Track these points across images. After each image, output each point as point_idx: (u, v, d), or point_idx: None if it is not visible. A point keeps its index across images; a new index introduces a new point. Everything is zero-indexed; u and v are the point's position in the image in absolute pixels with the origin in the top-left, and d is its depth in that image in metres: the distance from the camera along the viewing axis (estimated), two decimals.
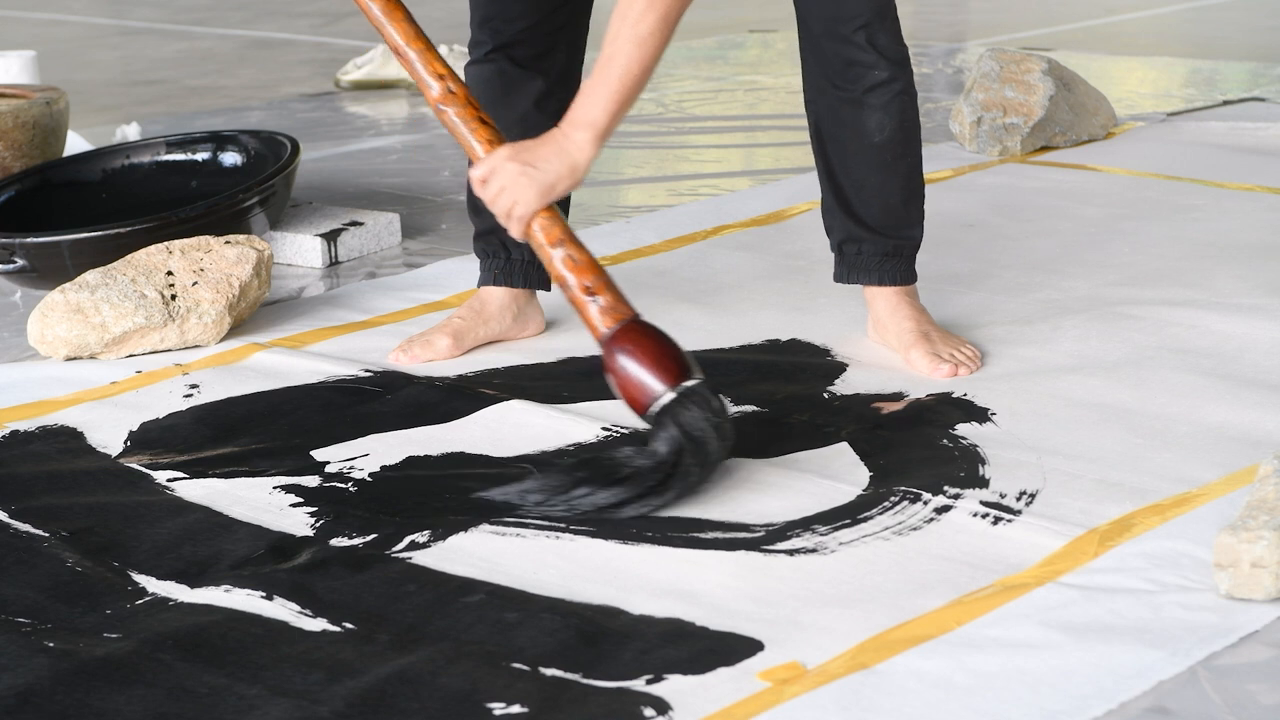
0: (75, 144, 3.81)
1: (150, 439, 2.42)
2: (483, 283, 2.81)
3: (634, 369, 2.19)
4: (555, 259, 2.26)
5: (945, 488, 2.18)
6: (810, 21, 2.60)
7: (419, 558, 2.03)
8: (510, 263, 2.79)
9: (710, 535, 2.07)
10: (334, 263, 3.31)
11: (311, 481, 2.26)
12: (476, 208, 2.79)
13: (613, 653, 1.80)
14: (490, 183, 2.28)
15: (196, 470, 2.30)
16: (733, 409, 2.48)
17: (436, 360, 2.71)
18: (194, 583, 1.98)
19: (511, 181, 2.26)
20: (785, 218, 3.51)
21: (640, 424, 2.42)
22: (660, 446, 2.15)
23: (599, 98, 2.23)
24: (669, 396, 2.17)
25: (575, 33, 2.72)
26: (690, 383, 2.18)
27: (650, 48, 2.22)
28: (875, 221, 2.66)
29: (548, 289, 2.83)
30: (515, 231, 2.28)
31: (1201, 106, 4.58)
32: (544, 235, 2.27)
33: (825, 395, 2.53)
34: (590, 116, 2.24)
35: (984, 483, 2.20)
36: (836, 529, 2.08)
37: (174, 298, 2.75)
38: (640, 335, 2.22)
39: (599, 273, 2.26)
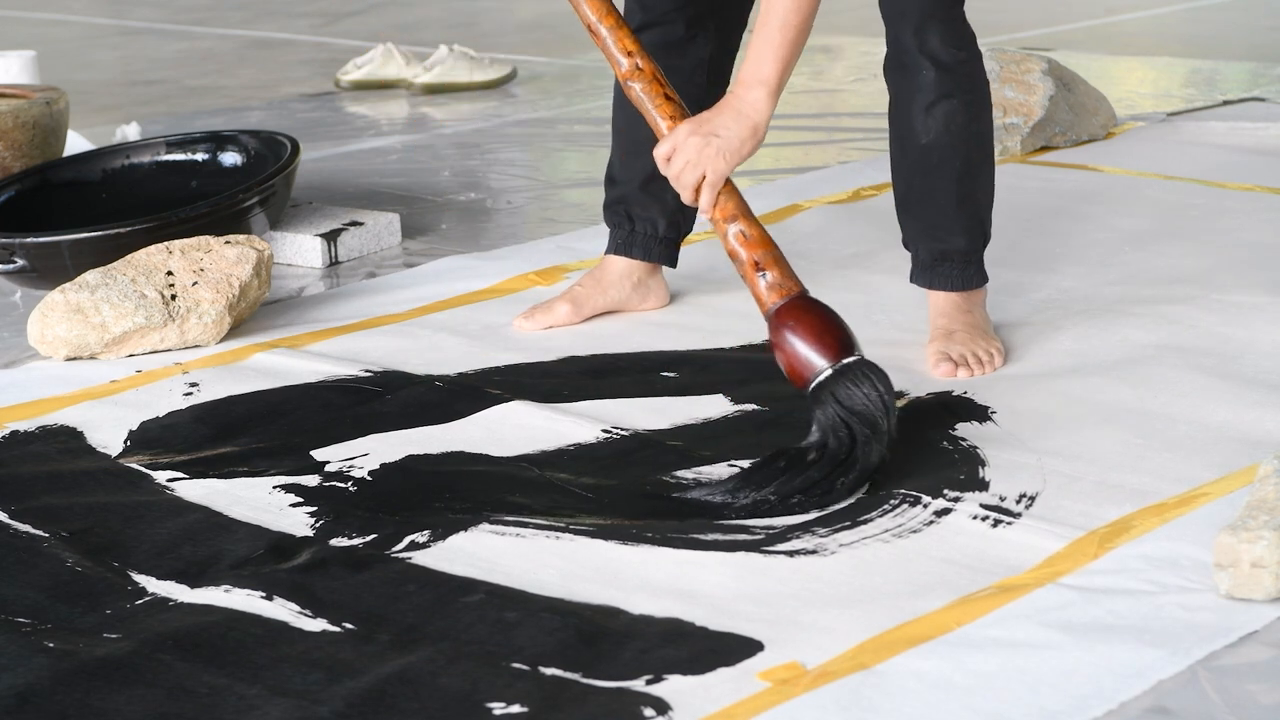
0: (75, 144, 3.81)
1: (150, 438, 2.42)
2: (607, 251, 2.91)
3: (797, 344, 2.22)
4: (729, 234, 2.30)
5: (945, 490, 2.18)
6: (881, 11, 2.62)
7: (419, 558, 2.03)
8: (633, 234, 2.88)
9: (710, 536, 2.07)
10: (334, 263, 3.31)
11: (311, 481, 2.26)
12: (612, 178, 2.88)
13: (612, 653, 1.80)
14: (674, 160, 2.30)
15: (196, 470, 2.30)
16: (733, 409, 2.48)
17: (556, 326, 2.83)
18: (194, 583, 1.98)
19: (696, 154, 2.28)
20: (785, 217, 3.51)
21: (641, 426, 2.42)
22: (816, 419, 2.17)
23: (765, 54, 2.29)
24: (828, 373, 2.19)
25: (721, 21, 2.76)
26: (850, 360, 2.20)
27: None
28: (923, 223, 2.67)
29: (672, 265, 2.91)
30: (706, 203, 2.30)
31: (1201, 106, 4.58)
32: (719, 210, 2.30)
33: None
34: (761, 74, 2.29)
35: (984, 485, 2.20)
36: (836, 531, 2.08)
37: (174, 298, 2.75)
38: (804, 312, 2.24)
39: (769, 248, 2.29)
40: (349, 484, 2.25)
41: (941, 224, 2.66)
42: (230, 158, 3.41)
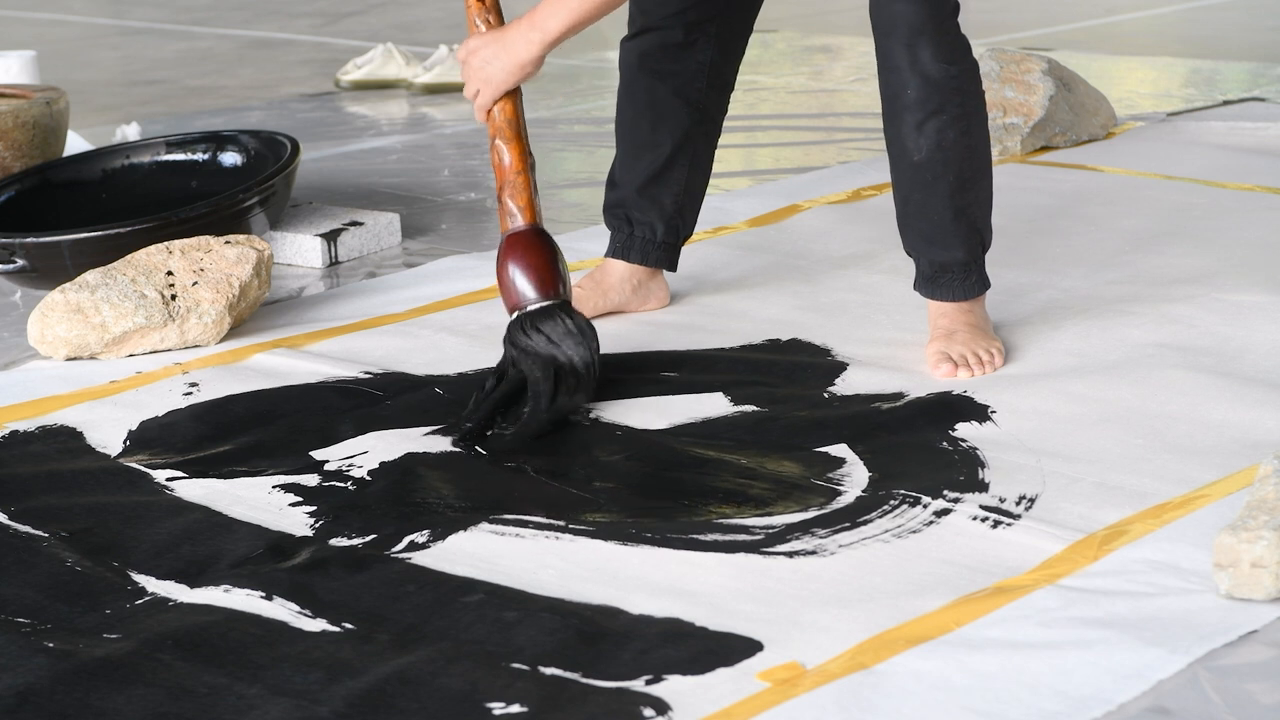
0: (75, 144, 3.81)
1: (149, 438, 2.42)
2: (607, 254, 2.93)
3: (513, 273, 2.48)
4: (491, 146, 2.53)
5: (945, 491, 2.18)
6: (871, 23, 2.60)
7: (418, 558, 2.03)
8: (631, 239, 2.89)
9: (709, 537, 2.07)
10: (334, 263, 3.31)
11: (311, 481, 2.26)
12: (613, 180, 2.90)
13: (612, 653, 1.80)
14: (467, 64, 2.53)
15: (196, 470, 2.30)
16: (732, 408, 2.48)
17: None
18: (193, 583, 1.98)
19: (473, 73, 2.53)
20: (785, 217, 3.51)
21: (640, 426, 2.42)
22: (510, 345, 2.45)
23: (558, 9, 2.46)
24: (531, 307, 2.45)
25: (722, 27, 2.76)
26: (545, 303, 2.45)
27: None
28: (922, 236, 2.66)
29: (671, 268, 2.92)
30: (478, 115, 2.55)
31: (1201, 106, 4.58)
32: (491, 124, 2.54)
33: (825, 395, 2.53)
34: (546, 24, 2.47)
35: (983, 487, 2.20)
36: (836, 532, 2.08)
37: (174, 298, 2.75)
38: (527, 247, 2.48)
39: (519, 176, 2.51)
40: (349, 484, 2.25)
41: (939, 237, 2.65)
42: (230, 158, 3.41)
